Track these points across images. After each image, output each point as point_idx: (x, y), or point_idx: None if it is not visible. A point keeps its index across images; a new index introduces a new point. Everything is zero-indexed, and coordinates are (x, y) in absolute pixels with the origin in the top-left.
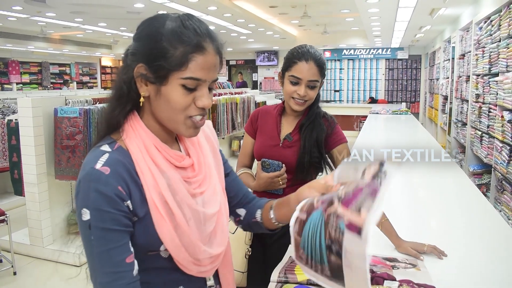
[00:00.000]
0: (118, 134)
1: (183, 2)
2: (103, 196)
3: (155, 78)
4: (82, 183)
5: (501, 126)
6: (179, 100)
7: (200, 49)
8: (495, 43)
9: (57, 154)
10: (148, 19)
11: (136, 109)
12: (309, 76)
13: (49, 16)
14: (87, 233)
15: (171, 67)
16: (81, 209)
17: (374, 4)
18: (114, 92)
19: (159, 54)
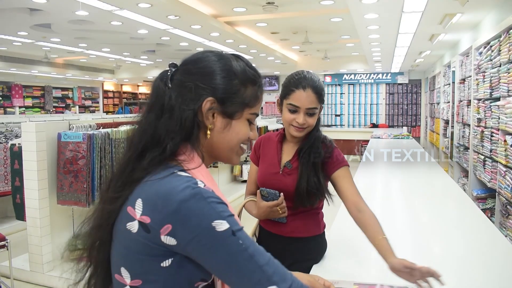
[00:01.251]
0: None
1: (187, 28)
2: (224, 204)
3: (229, 112)
4: (193, 201)
5: (504, 150)
6: (246, 131)
7: (262, 89)
8: (495, 68)
9: (60, 179)
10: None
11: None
12: (307, 104)
13: (54, 41)
14: (233, 241)
15: (245, 104)
16: (211, 223)
17: (375, 30)
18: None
19: (233, 92)
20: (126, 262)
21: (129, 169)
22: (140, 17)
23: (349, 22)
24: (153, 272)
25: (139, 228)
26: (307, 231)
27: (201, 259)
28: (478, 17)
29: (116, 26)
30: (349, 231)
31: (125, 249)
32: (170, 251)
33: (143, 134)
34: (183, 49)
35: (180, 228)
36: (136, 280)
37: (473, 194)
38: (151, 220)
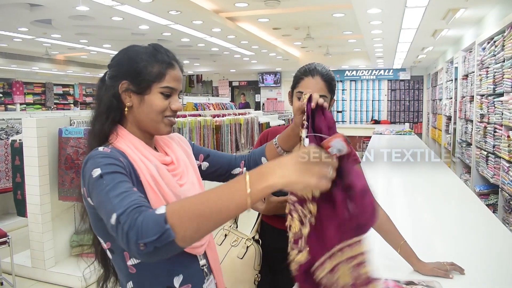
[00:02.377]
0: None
1: (188, 24)
2: (108, 156)
3: (139, 89)
4: (89, 160)
5: (508, 146)
6: (160, 103)
7: (171, 66)
8: (499, 63)
9: (61, 175)
10: (123, 49)
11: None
12: (316, 91)
13: (55, 38)
14: (100, 183)
15: (152, 79)
16: (91, 172)
17: (378, 25)
18: (101, 109)
19: (140, 71)
20: (95, 229)
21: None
22: (141, 12)
23: (351, 17)
24: (107, 233)
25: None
26: None
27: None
28: (482, 12)
29: (117, 22)
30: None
31: (90, 220)
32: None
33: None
34: (185, 45)
35: (85, 186)
36: (108, 243)
37: (476, 190)
38: (82, 189)
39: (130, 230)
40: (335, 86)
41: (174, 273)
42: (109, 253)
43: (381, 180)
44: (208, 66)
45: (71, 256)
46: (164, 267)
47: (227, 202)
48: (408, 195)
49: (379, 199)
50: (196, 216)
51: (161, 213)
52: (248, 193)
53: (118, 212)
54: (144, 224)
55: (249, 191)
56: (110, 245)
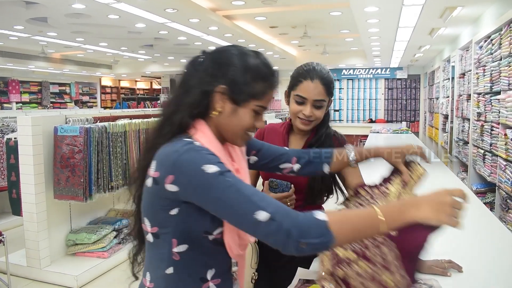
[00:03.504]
0: (187, 134)
1: (184, 22)
2: (214, 155)
3: (236, 100)
4: (186, 153)
5: (505, 144)
6: (250, 120)
7: (272, 87)
8: (496, 61)
9: (56, 173)
10: (232, 49)
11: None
12: (315, 96)
13: (51, 36)
14: (221, 180)
15: (252, 96)
16: (201, 167)
17: (375, 24)
18: (188, 100)
19: (244, 83)
20: (147, 213)
21: (153, 138)
22: (138, 10)
23: (348, 16)
24: (165, 220)
25: (152, 183)
26: None
27: (199, 201)
28: (479, 11)
29: (113, 20)
30: None
31: (145, 202)
32: (176, 200)
33: (166, 108)
34: (181, 43)
35: (179, 175)
36: (154, 228)
37: (473, 189)
38: (159, 174)
39: (292, 228)
40: (334, 87)
41: (209, 267)
42: (152, 237)
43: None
44: None
45: (66, 255)
46: (203, 259)
47: (371, 229)
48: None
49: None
50: (353, 229)
51: (322, 219)
52: (385, 227)
53: (270, 210)
54: (306, 225)
55: (386, 227)
56: (157, 230)
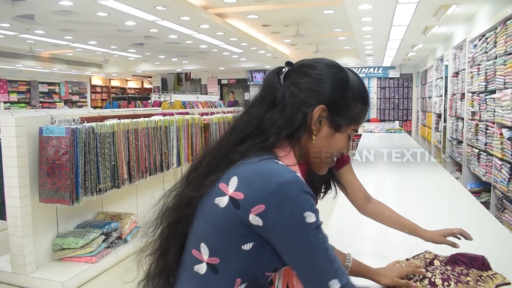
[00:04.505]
0: (273, 153)
1: (175, 20)
2: (313, 199)
3: (336, 125)
4: (293, 187)
5: (500, 143)
6: (343, 145)
7: (367, 109)
8: (491, 60)
9: (42, 176)
10: (324, 63)
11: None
12: None
13: (38, 34)
14: (316, 234)
15: (352, 120)
16: (303, 213)
17: (368, 22)
18: (284, 117)
19: (345, 106)
20: (208, 238)
21: (226, 151)
22: (127, 8)
23: (341, 14)
24: (233, 253)
25: (228, 204)
26: None
27: (281, 245)
28: (473, 9)
29: (102, 18)
30: (343, 228)
31: (209, 225)
32: (253, 233)
33: (250, 123)
34: (172, 42)
35: (272, 210)
36: (214, 258)
37: (467, 188)
38: (244, 196)
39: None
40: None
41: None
42: (206, 268)
43: (373, 178)
44: (197, 63)
45: (53, 260)
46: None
47: None
48: (400, 193)
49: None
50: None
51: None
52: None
53: (343, 282)
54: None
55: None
56: (218, 262)
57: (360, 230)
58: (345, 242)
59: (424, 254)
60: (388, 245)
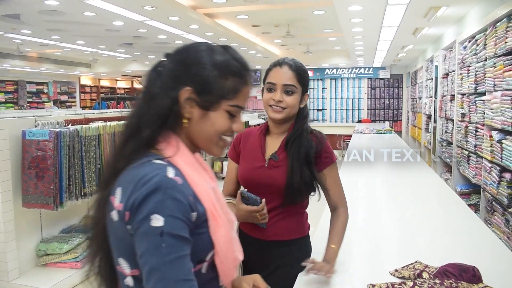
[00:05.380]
0: (156, 150)
1: (164, 20)
2: (179, 204)
3: (205, 104)
4: (158, 190)
5: (490, 146)
6: (224, 123)
7: (246, 82)
8: (480, 62)
9: (25, 180)
10: (193, 45)
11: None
12: (283, 80)
13: (25, 33)
14: (157, 240)
15: (223, 95)
16: (151, 215)
17: (359, 23)
18: (155, 110)
19: (211, 82)
20: (121, 252)
21: (115, 159)
22: (114, 8)
23: (332, 15)
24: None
25: (117, 217)
26: (289, 233)
27: (136, 249)
28: (463, 11)
29: (89, 17)
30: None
31: (116, 240)
32: None
33: (129, 123)
34: (161, 42)
35: (133, 216)
36: (135, 270)
37: (457, 190)
38: (123, 206)
39: None
40: (307, 80)
41: None
42: (132, 281)
43: (363, 180)
44: None
45: (37, 266)
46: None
47: None
48: (390, 195)
49: (361, 200)
50: None
51: None
52: None
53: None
54: None
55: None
56: (139, 274)
57: (350, 239)
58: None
59: (414, 265)
60: (379, 253)
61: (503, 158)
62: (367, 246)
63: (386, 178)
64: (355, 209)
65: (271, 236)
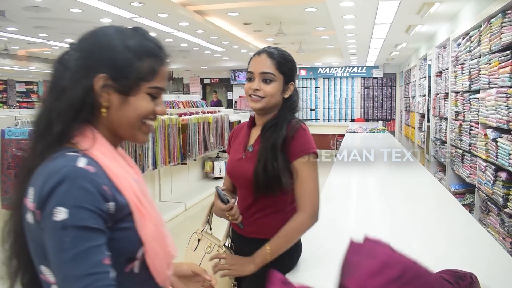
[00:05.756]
0: (71, 144)
1: (153, 17)
2: (87, 192)
3: (124, 88)
4: (65, 180)
5: (485, 144)
6: (147, 107)
7: (162, 62)
8: (475, 59)
9: (4, 181)
10: (98, 30)
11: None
12: (261, 68)
13: (11, 31)
14: (60, 235)
15: (142, 78)
16: (53, 209)
17: (351, 20)
18: (65, 104)
19: (127, 65)
20: (42, 258)
21: (27, 160)
22: (101, 4)
23: (324, 12)
24: None
25: (33, 218)
26: (271, 232)
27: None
28: (457, 7)
29: (76, 14)
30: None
31: (34, 245)
32: None
33: (38, 120)
34: None
35: (41, 213)
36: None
37: (451, 189)
38: (35, 206)
39: None
40: (291, 70)
41: None
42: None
43: (355, 179)
44: (178, 62)
45: None
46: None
47: None
48: (382, 195)
49: (353, 200)
50: None
51: None
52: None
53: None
54: None
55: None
56: None
57: (340, 240)
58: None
59: None
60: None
61: (498, 157)
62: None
63: (379, 177)
64: (346, 209)
65: (252, 234)
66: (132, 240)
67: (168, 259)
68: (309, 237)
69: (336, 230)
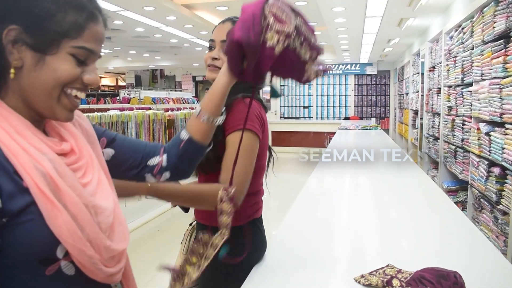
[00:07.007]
0: None
1: (139, 10)
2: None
3: (40, 44)
4: None
5: (477, 139)
6: (68, 70)
7: (94, 18)
8: (467, 51)
9: None
10: None
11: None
12: (222, 36)
13: None
14: None
15: (64, 32)
16: None
17: (341, 13)
18: None
19: (45, 16)
20: None
21: None
22: None
23: (315, 6)
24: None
25: None
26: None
27: None
28: None
29: None
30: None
31: None
32: None
33: None
34: (140, 35)
35: None
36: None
37: (444, 187)
38: None
39: None
40: None
41: None
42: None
43: (347, 177)
44: (170, 59)
45: None
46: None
47: None
48: (374, 193)
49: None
50: None
51: None
52: None
53: None
54: None
55: None
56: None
57: (329, 239)
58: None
59: (384, 269)
60: (357, 255)
61: (491, 152)
62: (348, 246)
63: (371, 175)
64: (337, 208)
65: (200, 219)
66: (37, 237)
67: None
68: (299, 236)
69: (326, 228)
